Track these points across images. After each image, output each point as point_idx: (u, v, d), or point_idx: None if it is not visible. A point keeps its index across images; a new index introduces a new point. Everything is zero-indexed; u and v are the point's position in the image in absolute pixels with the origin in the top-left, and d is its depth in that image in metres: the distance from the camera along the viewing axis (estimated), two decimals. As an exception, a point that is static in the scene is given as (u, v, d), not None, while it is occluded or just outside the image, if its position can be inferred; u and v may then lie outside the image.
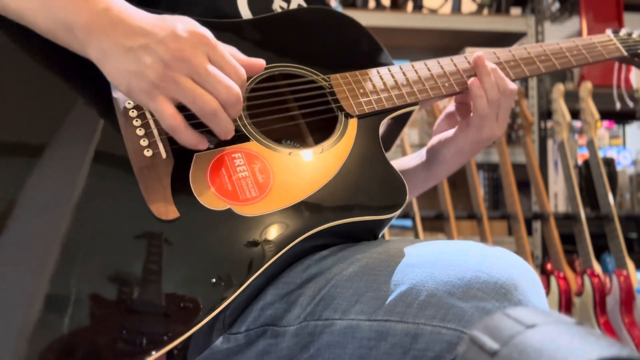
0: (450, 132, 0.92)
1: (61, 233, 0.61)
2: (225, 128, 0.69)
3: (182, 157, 0.70)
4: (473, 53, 0.93)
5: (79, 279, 0.60)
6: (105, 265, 0.61)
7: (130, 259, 0.62)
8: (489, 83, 0.87)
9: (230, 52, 0.71)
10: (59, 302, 0.59)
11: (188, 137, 0.68)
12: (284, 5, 0.93)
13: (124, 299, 0.60)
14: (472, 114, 0.89)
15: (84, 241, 0.62)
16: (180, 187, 0.68)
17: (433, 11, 2.82)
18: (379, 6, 2.79)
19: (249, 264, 0.66)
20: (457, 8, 2.83)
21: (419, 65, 0.91)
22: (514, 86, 0.89)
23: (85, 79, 0.70)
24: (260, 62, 0.74)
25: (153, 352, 0.58)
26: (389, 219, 0.76)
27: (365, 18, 2.62)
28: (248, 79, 0.79)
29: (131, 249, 0.63)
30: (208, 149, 0.72)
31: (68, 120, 0.68)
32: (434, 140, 0.95)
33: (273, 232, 0.68)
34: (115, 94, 0.72)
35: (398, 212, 0.76)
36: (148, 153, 0.69)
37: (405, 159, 1.03)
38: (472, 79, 0.88)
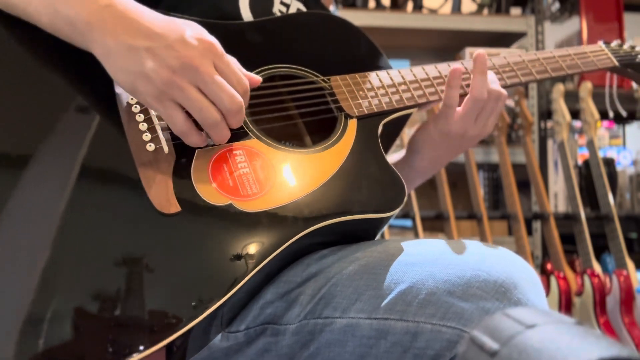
0: (426, 122, 0.94)
1: (62, 225, 0.62)
2: (222, 135, 0.71)
3: (184, 152, 0.71)
4: (472, 55, 0.93)
5: (79, 268, 0.60)
6: (107, 257, 0.62)
7: (133, 252, 0.63)
8: (481, 81, 0.87)
9: (234, 59, 0.72)
10: (57, 289, 0.59)
11: (196, 139, 0.70)
12: (283, 9, 0.94)
13: (126, 291, 0.60)
14: (441, 102, 0.89)
15: (86, 233, 0.62)
16: (182, 182, 0.69)
17: (433, 11, 2.82)
18: (379, 6, 2.79)
19: (248, 260, 0.66)
20: (457, 8, 2.83)
21: (417, 69, 0.92)
22: (503, 92, 0.89)
23: (87, 74, 0.71)
24: (256, 78, 0.75)
25: (151, 347, 0.58)
26: (388, 218, 0.76)
27: (365, 18, 2.62)
28: None
29: (134, 242, 0.63)
30: (209, 145, 0.73)
31: (71, 115, 0.69)
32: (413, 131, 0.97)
33: (272, 229, 0.69)
34: (118, 89, 0.72)
35: (396, 212, 0.76)
36: (150, 148, 0.70)
37: (394, 155, 1.04)
38: (451, 68, 0.88)
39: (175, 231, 0.65)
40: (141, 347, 0.57)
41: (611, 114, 2.66)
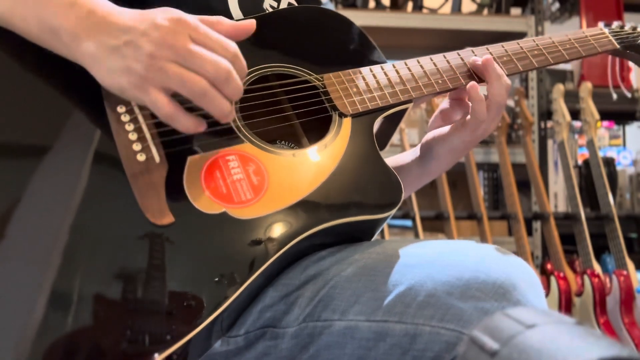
0: (444, 130, 0.92)
1: (58, 240, 0.61)
2: (220, 108, 0.66)
3: (175, 161, 0.69)
4: (466, 50, 0.92)
5: (78, 285, 0.60)
6: (101, 273, 0.61)
7: (127, 266, 0.62)
8: (499, 87, 0.87)
9: (217, 20, 0.69)
10: (60, 305, 0.59)
11: (187, 121, 0.66)
12: (274, 4, 0.92)
13: (121, 305, 0.60)
14: (469, 117, 0.88)
15: (80, 249, 0.62)
16: (175, 192, 0.67)
17: (433, 11, 2.82)
18: (379, 6, 2.79)
19: (245, 266, 0.66)
20: (457, 8, 2.83)
21: (412, 62, 0.90)
22: (508, 80, 0.89)
23: (75, 85, 0.69)
24: (249, 24, 0.72)
25: (156, 355, 0.58)
26: (385, 218, 0.76)
27: (365, 18, 2.62)
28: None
29: (127, 255, 0.63)
30: (204, 150, 0.72)
31: (60, 127, 0.68)
32: (428, 136, 0.95)
33: (269, 234, 0.68)
34: (107, 99, 0.71)
35: (394, 211, 0.76)
36: (141, 158, 0.68)
37: (400, 156, 1.03)
38: (471, 83, 0.87)
39: (169, 242, 0.64)
40: (143, 354, 0.58)
41: (615, 96, 2.64)
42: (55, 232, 0.62)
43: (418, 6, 2.79)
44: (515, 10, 3.00)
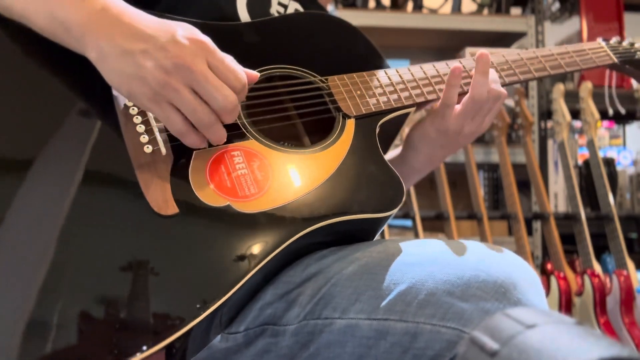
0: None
1: (64, 229, 0.62)
2: (218, 138, 0.71)
3: (181, 154, 0.71)
4: (468, 57, 0.93)
5: (81, 271, 0.60)
6: (108, 260, 0.62)
7: (132, 254, 0.63)
8: (482, 81, 0.87)
9: (230, 56, 0.71)
10: (61, 292, 0.59)
11: (194, 139, 0.70)
12: (281, 9, 0.94)
13: (128, 293, 0.60)
14: (439, 101, 0.89)
15: (87, 236, 0.63)
16: (180, 184, 0.69)
17: (433, 11, 2.82)
18: (379, 6, 2.80)
19: (247, 260, 0.66)
20: (457, 8, 2.83)
21: (415, 68, 0.92)
22: (503, 91, 0.89)
23: (85, 76, 0.71)
24: (254, 74, 0.75)
25: (153, 346, 0.58)
26: (386, 218, 0.77)
27: (365, 18, 2.62)
28: None
29: (132, 244, 0.63)
30: (210, 145, 0.73)
31: (69, 117, 0.69)
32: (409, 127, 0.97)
33: (271, 229, 0.69)
34: (116, 92, 0.72)
35: (395, 211, 0.76)
36: (148, 150, 0.70)
37: (390, 152, 1.05)
38: (455, 65, 0.87)
39: (173, 233, 0.65)
40: (144, 347, 0.58)
41: (611, 112, 2.66)
42: (61, 222, 0.62)
43: (418, 6, 2.79)
44: (515, 10, 3.00)
